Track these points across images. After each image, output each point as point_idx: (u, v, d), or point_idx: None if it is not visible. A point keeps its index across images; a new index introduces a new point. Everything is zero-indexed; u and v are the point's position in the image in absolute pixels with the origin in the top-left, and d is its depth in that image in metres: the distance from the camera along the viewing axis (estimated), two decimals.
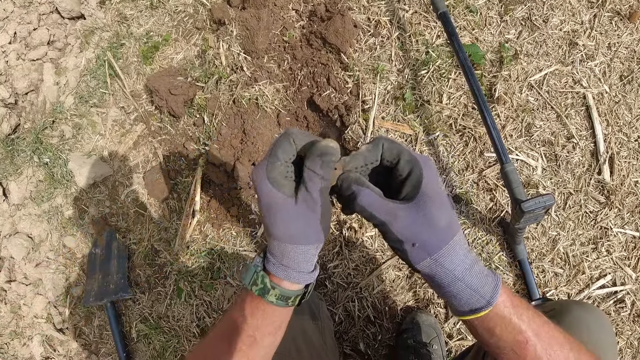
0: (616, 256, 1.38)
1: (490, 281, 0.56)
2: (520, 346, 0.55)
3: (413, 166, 0.56)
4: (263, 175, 0.56)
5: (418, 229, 0.54)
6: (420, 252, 0.54)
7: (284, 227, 0.56)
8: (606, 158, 1.42)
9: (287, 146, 0.57)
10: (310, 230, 0.57)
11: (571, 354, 0.56)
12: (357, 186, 0.56)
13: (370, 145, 0.58)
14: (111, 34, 1.91)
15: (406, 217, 0.54)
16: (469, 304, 0.56)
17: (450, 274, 0.54)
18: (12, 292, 1.78)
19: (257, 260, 0.61)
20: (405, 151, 0.57)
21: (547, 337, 0.56)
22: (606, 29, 1.52)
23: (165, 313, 1.60)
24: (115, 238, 1.68)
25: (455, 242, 0.55)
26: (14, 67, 1.97)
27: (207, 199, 1.61)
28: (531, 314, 0.57)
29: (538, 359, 0.55)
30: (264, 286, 0.59)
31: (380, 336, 1.44)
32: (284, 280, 0.58)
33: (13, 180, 1.85)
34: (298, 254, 0.57)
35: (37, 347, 1.72)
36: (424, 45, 1.53)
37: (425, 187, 0.55)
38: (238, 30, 1.59)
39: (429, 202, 0.54)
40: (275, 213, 0.56)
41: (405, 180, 0.57)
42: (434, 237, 0.54)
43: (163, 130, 1.73)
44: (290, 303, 0.60)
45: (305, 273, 0.59)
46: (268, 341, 0.62)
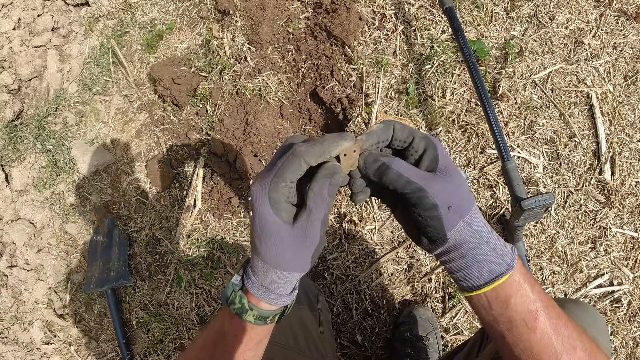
0: (614, 256, 1.39)
1: (507, 245, 0.58)
2: (532, 317, 0.56)
3: (428, 142, 0.57)
4: (264, 195, 0.53)
5: (450, 192, 0.54)
6: (454, 215, 0.54)
7: (274, 252, 0.54)
8: (607, 158, 1.43)
9: (297, 167, 0.53)
10: (300, 258, 0.56)
11: (575, 332, 0.57)
12: (385, 157, 0.55)
13: (382, 124, 0.58)
14: (115, 22, 1.90)
15: (438, 183, 0.55)
16: (490, 270, 0.56)
17: (478, 236, 0.55)
18: (13, 278, 1.79)
19: (235, 279, 0.60)
20: (416, 130, 0.58)
21: (555, 312, 0.57)
22: (612, 29, 1.52)
23: (165, 301, 1.61)
24: (116, 226, 1.69)
25: (476, 208, 0.57)
26: (17, 54, 1.97)
27: (209, 189, 1.62)
28: (539, 286, 0.58)
29: (546, 333, 0.56)
30: (242, 306, 0.57)
31: (378, 329, 1.46)
32: (262, 302, 0.57)
33: (16, 166, 1.86)
34: (281, 278, 0.56)
35: (38, 332, 1.74)
36: (428, 40, 1.53)
37: (442, 159, 0.57)
38: (242, 21, 1.58)
39: (451, 172, 0.56)
40: (268, 236, 0.54)
41: (422, 156, 0.58)
42: (464, 199, 0.55)
43: (166, 120, 1.73)
44: (269, 321, 0.59)
45: (285, 295, 0.58)
46: (249, 355, 0.61)
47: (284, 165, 0.53)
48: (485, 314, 0.59)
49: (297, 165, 0.52)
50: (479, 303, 0.59)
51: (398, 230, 1.48)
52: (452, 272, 0.60)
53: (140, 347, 1.62)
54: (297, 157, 0.52)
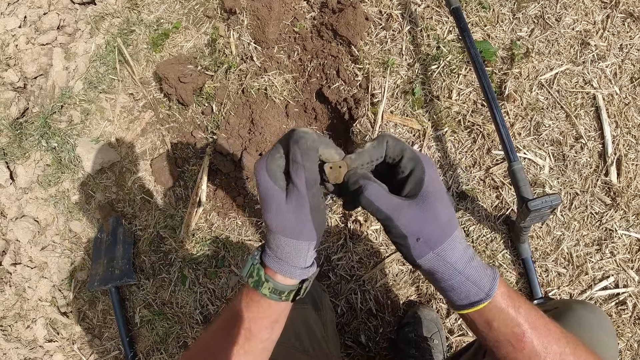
0: (620, 258, 1.39)
1: (488, 274, 0.57)
2: (517, 339, 0.56)
3: (416, 163, 0.58)
4: (262, 166, 0.58)
5: (422, 224, 0.55)
6: (423, 246, 0.55)
7: (277, 219, 0.57)
8: (614, 160, 1.42)
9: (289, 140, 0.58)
10: (301, 224, 0.57)
11: (567, 348, 0.57)
12: (364, 180, 0.57)
13: (375, 142, 0.59)
14: (121, 20, 1.91)
15: (410, 212, 0.55)
16: (468, 297, 0.57)
17: (451, 267, 0.56)
18: (17, 275, 1.79)
19: (255, 253, 0.62)
20: (407, 149, 0.58)
21: (544, 330, 0.57)
22: (618, 30, 1.51)
23: (169, 299, 1.61)
24: (121, 224, 1.69)
25: (455, 237, 0.56)
26: (23, 51, 1.98)
27: (214, 188, 1.62)
28: (528, 307, 0.58)
29: (535, 352, 0.56)
30: (259, 278, 0.59)
31: (382, 329, 1.45)
32: (277, 274, 0.59)
33: (20, 163, 1.86)
34: (291, 247, 0.58)
35: (41, 330, 1.74)
36: (435, 40, 1.53)
37: (427, 184, 0.56)
38: (249, 20, 1.59)
39: (432, 198, 0.56)
40: (270, 204, 0.58)
41: (408, 178, 0.58)
42: (436, 232, 0.55)
43: (171, 118, 1.73)
44: (284, 298, 0.60)
45: (299, 268, 0.59)
46: (265, 335, 0.62)
47: (279, 140, 0.59)
48: (473, 330, 0.60)
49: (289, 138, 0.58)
50: (465, 319, 0.60)
51: None
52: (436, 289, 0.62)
53: (144, 345, 1.62)
54: (291, 132, 0.58)
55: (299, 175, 0.56)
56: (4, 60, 1.97)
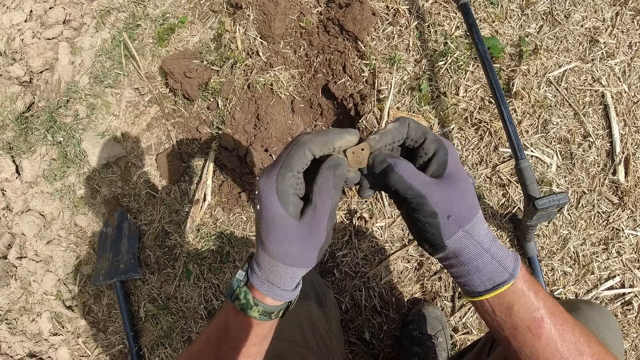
0: (626, 258, 1.38)
1: (511, 254, 0.57)
2: (536, 324, 0.55)
3: (439, 145, 0.57)
4: (272, 187, 0.53)
5: (452, 202, 0.54)
6: (453, 224, 0.55)
7: (281, 246, 0.54)
8: (621, 159, 1.41)
9: (302, 155, 0.54)
10: (307, 254, 0.56)
11: (582, 337, 0.56)
12: (392, 159, 0.55)
13: (397, 123, 0.58)
14: (127, 15, 1.90)
15: (440, 190, 0.54)
16: (492, 278, 0.56)
17: (478, 246, 0.55)
18: (22, 269, 1.80)
19: (239, 274, 0.60)
20: (429, 131, 0.58)
21: (561, 318, 0.56)
22: (628, 28, 1.50)
23: (173, 294, 1.61)
24: (126, 218, 1.69)
25: (479, 217, 0.56)
26: (29, 46, 1.98)
27: (219, 183, 1.62)
28: (545, 292, 0.58)
29: (552, 339, 0.55)
30: (247, 302, 0.57)
31: (386, 326, 1.45)
32: (267, 297, 0.57)
33: (26, 158, 1.87)
34: (287, 273, 0.56)
35: (46, 324, 1.75)
36: (442, 36, 1.52)
37: (451, 165, 0.56)
38: (255, 15, 1.58)
39: (458, 177, 0.56)
40: (275, 230, 0.54)
41: (431, 159, 0.57)
42: (465, 210, 0.55)
43: (177, 113, 1.73)
44: (274, 317, 0.59)
45: (289, 291, 0.58)
46: (254, 350, 0.61)
47: (289, 155, 0.53)
48: (490, 319, 0.59)
49: (301, 153, 0.53)
50: (482, 309, 0.59)
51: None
52: (454, 277, 0.60)
53: (148, 340, 1.63)
54: (301, 145, 0.53)
55: (325, 206, 0.54)
56: (10, 55, 1.98)
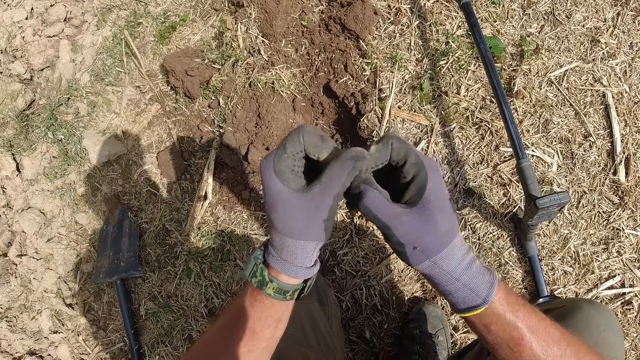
0: (626, 257, 1.38)
1: (486, 280, 0.57)
2: (515, 342, 0.57)
3: (419, 170, 0.57)
4: (270, 167, 0.57)
5: (420, 234, 0.55)
6: (420, 255, 0.56)
7: (286, 220, 0.57)
8: (622, 158, 1.41)
9: (296, 140, 0.57)
10: (312, 227, 0.57)
11: (568, 349, 0.57)
12: (365, 186, 0.57)
13: (380, 145, 0.58)
14: (128, 13, 1.90)
15: (409, 221, 0.55)
16: (465, 302, 0.58)
17: (448, 275, 0.57)
18: (22, 266, 1.80)
19: (257, 253, 0.62)
20: (412, 153, 0.57)
21: (544, 333, 0.57)
22: (629, 28, 1.50)
23: (174, 292, 1.61)
24: (127, 216, 1.69)
25: (453, 245, 0.57)
26: (30, 43, 1.97)
27: (220, 182, 1.62)
28: (527, 311, 0.58)
29: (534, 355, 0.56)
30: (263, 278, 0.59)
31: (386, 325, 1.45)
32: (282, 274, 0.59)
33: (27, 155, 1.87)
34: (297, 248, 0.58)
35: (46, 321, 1.75)
36: (444, 35, 1.52)
37: (429, 192, 0.56)
38: (256, 13, 1.58)
39: (432, 207, 0.55)
40: (279, 205, 0.57)
41: (410, 183, 0.57)
42: (434, 242, 0.56)
43: (178, 111, 1.73)
44: (289, 297, 0.61)
45: (303, 268, 0.59)
46: (268, 333, 0.62)
47: (286, 139, 0.58)
48: (473, 331, 0.61)
49: (296, 138, 0.57)
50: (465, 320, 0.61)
51: None
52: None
53: (149, 338, 1.63)
54: (297, 131, 0.57)
55: (333, 186, 0.55)
56: (10, 52, 1.97)
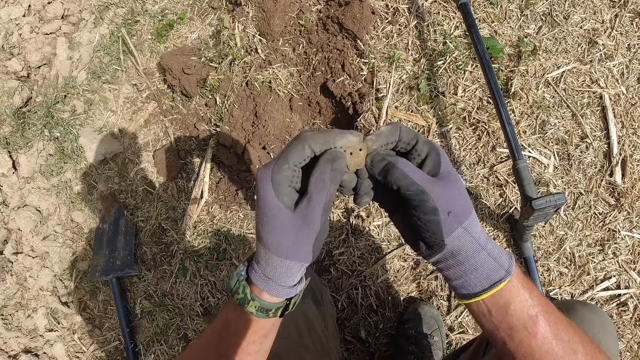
0: (622, 259, 1.38)
1: (505, 251, 0.58)
2: (532, 322, 0.56)
3: (431, 146, 0.58)
4: (268, 177, 0.54)
5: (451, 198, 0.55)
6: (453, 221, 0.55)
7: (275, 236, 0.54)
8: (619, 160, 1.41)
9: (300, 150, 0.54)
10: (300, 247, 0.55)
11: (575, 337, 0.57)
12: (392, 157, 0.56)
13: (389, 126, 0.59)
14: (126, 11, 1.89)
15: (440, 187, 0.55)
16: (489, 276, 0.56)
17: (476, 243, 0.56)
18: (18, 264, 1.79)
19: (240, 268, 0.60)
20: (420, 135, 0.59)
21: (554, 316, 0.57)
22: (627, 30, 1.50)
23: (169, 291, 1.61)
24: (123, 215, 1.69)
25: (474, 215, 0.58)
26: (27, 40, 1.97)
27: (216, 180, 1.61)
28: (538, 291, 0.58)
29: (546, 338, 0.56)
30: (245, 296, 0.57)
31: (382, 325, 1.45)
32: (264, 292, 0.57)
33: (23, 153, 1.86)
34: (282, 267, 0.56)
35: (42, 319, 1.74)
36: (441, 36, 1.52)
37: (444, 165, 0.58)
38: (254, 12, 1.57)
39: (452, 178, 0.57)
40: (270, 220, 0.54)
41: (425, 160, 0.58)
42: (463, 207, 0.56)
43: (175, 110, 1.73)
44: (272, 315, 0.58)
45: (286, 287, 0.57)
46: (254, 349, 0.61)
47: (288, 148, 0.55)
48: (486, 321, 0.59)
49: (300, 147, 0.54)
50: (478, 310, 0.59)
51: None
52: (450, 280, 0.60)
53: (144, 336, 1.63)
54: (301, 140, 0.54)
55: (320, 197, 0.54)
56: (7, 49, 1.97)
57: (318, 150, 0.55)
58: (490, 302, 0.57)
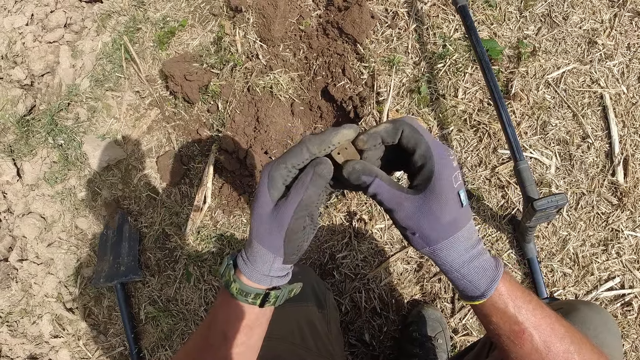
0: (626, 259, 1.38)
1: (488, 275, 0.57)
2: (516, 335, 0.57)
3: (426, 160, 0.56)
4: (267, 172, 0.59)
5: (419, 221, 0.56)
6: (420, 241, 0.57)
7: (255, 222, 0.59)
8: (620, 160, 1.41)
9: (298, 152, 0.58)
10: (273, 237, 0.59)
11: (572, 346, 0.57)
12: (367, 177, 0.57)
13: (390, 126, 0.58)
14: (128, 18, 1.91)
15: (410, 207, 0.56)
16: (465, 291, 0.59)
17: (448, 265, 0.58)
18: (23, 271, 1.81)
19: (231, 255, 0.64)
20: (423, 143, 0.56)
21: (548, 329, 0.57)
22: (626, 29, 1.50)
23: (174, 296, 1.62)
24: (126, 221, 1.70)
25: (456, 238, 0.56)
26: (30, 49, 1.99)
27: (219, 186, 1.62)
28: (532, 307, 0.58)
29: (535, 349, 0.57)
30: (229, 278, 0.61)
31: (386, 328, 1.45)
32: (242, 275, 0.60)
33: (27, 160, 1.88)
34: (259, 252, 0.59)
35: (47, 326, 1.75)
36: (441, 39, 1.52)
37: (434, 184, 0.55)
38: (255, 18, 1.59)
39: (435, 198, 0.55)
40: (256, 207, 0.60)
41: (419, 171, 0.57)
42: (434, 232, 0.56)
43: (177, 116, 1.74)
44: (251, 301, 0.61)
45: (261, 274, 0.60)
46: (240, 339, 0.62)
47: (289, 150, 0.59)
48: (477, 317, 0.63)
49: (298, 151, 0.58)
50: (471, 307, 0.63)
51: None
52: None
53: (149, 342, 1.63)
54: (300, 144, 0.58)
55: (297, 196, 0.57)
56: (11, 58, 1.99)
57: (316, 151, 0.58)
58: (476, 309, 0.60)
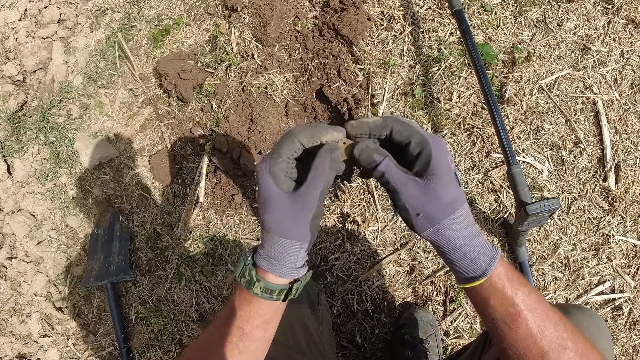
0: (616, 263, 1.39)
1: (487, 253, 0.59)
2: (512, 318, 0.58)
3: (423, 147, 0.60)
4: (265, 169, 0.60)
5: (423, 201, 0.58)
6: (424, 221, 0.58)
7: (275, 218, 0.60)
8: (612, 165, 1.42)
9: (290, 144, 0.60)
10: (300, 226, 0.60)
11: (565, 333, 0.58)
12: (378, 156, 0.60)
13: (379, 120, 0.62)
14: (122, 15, 1.90)
15: (415, 188, 0.58)
16: (466, 272, 0.59)
17: (451, 243, 0.59)
18: (12, 269, 1.78)
19: (247, 255, 0.64)
20: (415, 133, 0.60)
21: (542, 313, 0.58)
22: (620, 36, 1.52)
23: (164, 297, 1.60)
24: (118, 220, 1.68)
25: (457, 216, 0.58)
26: (23, 45, 1.97)
27: (212, 185, 1.61)
28: (528, 290, 0.59)
29: (530, 333, 0.57)
30: (251, 278, 0.61)
31: (378, 330, 1.45)
32: (268, 273, 0.61)
33: (18, 157, 1.85)
34: (284, 247, 0.60)
35: (36, 325, 1.73)
36: (436, 42, 1.53)
37: (433, 166, 0.58)
38: (250, 18, 1.58)
39: (436, 180, 0.58)
40: (270, 203, 0.60)
41: (417, 157, 0.60)
42: (436, 211, 0.58)
43: (170, 115, 1.73)
44: (275, 297, 0.62)
45: (289, 267, 0.61)
46: (257, 335, 0.63)
47: (280, 143, 0.61)
48: (474, 305, 0.63)
49: (290, 142, 0.60)
50: (467, 292, 0.63)
51: (401, 232, 1.48)
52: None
53: (139, 342, 1.62)
54: (291, 135, 0.61)
55: (319, 182, 0.59)
56: (3, 53, 1.96)
57: (306, 144, 0.61)
58: (471, 291, 0.61)
